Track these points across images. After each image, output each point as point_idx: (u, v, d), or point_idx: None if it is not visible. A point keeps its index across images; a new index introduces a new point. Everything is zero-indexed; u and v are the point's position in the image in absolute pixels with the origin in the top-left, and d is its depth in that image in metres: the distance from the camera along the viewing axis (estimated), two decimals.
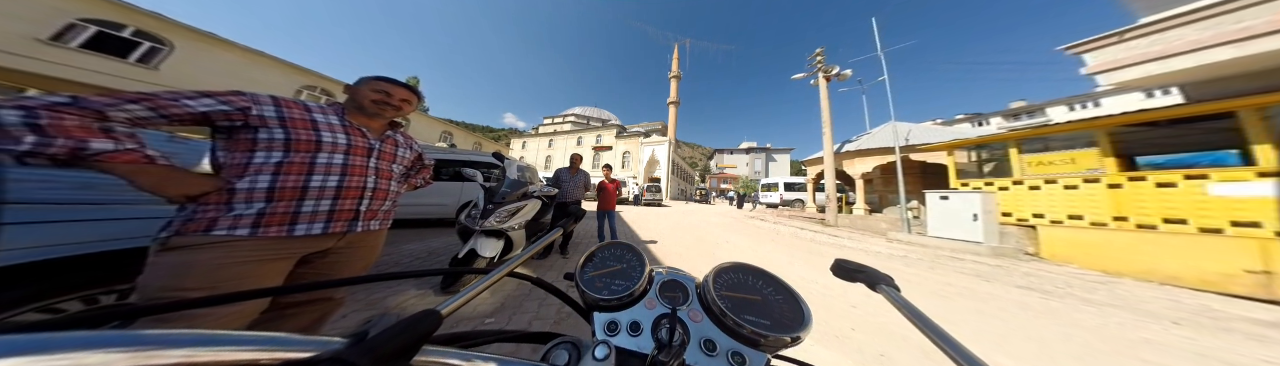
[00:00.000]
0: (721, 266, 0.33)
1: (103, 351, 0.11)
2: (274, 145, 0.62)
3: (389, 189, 0.78)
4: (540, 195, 2.21)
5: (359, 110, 0.76)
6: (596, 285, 0.31)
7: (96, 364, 0.11)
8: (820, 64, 7.25)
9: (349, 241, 0.74)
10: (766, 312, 0.28)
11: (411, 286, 1.74)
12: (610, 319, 0.28)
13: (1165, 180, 2.77)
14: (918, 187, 6.12)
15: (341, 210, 0.69)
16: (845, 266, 0.36)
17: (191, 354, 0.13)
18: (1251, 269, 2.29)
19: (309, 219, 0.65)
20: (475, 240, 1.65)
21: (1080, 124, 3.31)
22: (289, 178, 0.63)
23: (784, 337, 0.26)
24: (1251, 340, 1.52)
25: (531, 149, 29.44)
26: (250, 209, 0.60)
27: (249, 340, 0.14)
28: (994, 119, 25.37)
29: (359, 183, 0.71)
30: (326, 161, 0.66)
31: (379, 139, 0.78)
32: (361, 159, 0.72)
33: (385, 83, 0.77)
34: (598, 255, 0.35)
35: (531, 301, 1.58)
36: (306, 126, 0.66)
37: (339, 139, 0.69)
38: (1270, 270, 2.24)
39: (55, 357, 0.11)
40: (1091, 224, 3.10)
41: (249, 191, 0.60)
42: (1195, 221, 2.57)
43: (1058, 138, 3.61)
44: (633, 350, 0.25)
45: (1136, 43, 2.81)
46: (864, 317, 1.58)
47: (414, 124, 14.12)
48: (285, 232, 0.62)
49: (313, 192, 0.65)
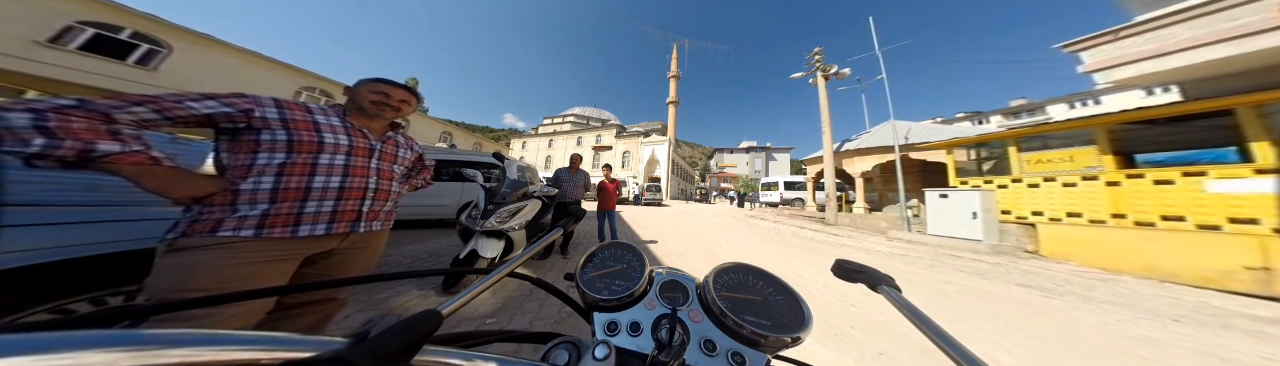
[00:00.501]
0: (722, 266, 0.33)
1: (104, 351, 0.11)
2: (277, 146, 0.63)
3: (391, 189, 0.79)
4: (540, 195, 2.22)
5: (359, 112, 0.77)
6: (597, 285, 0.31)
7: (98, 363, 0.11)
8: (819, 63, 7.26)
9: (352, 242, 0.74)
10: (767, 313, 0.28)
11: (413, 287, 1.74)
12: (610, 319, 0.28)
13: (1163, 177, 2.77)
14: (917, 186, 6.13)
15: (344, 211, 0.69)
16: (846, 267, 0.36)
17: (193, 353, 0.13)
18: (1250, 265, 2.30)
19: (312, 220, 0.65)
20: (476, 241, 1.66)
21: (1078, 122, 3.31)
22: (292, 178, 0.63)
23: (784, 338, 0.26)
24: (1250, 336, 1.53)
25: (531, 149, 29.44)
26: (254, 210, 0.60)
27: (250, 340, 0.14)
28: (994, 117, 25.39)
29: (361, 183, 0.71)
30: (329, 162, 0.67)
31: (380, 140, 0.78)
32: (363, 160, 0.73)
33: (383, 84, 0.78)
34: (598, 255, 0.35)
35: (532, 302, 1.58)
36: (309, 128, 0.66)
37: (341, 140, 0.69)
38: (1269, 266, 2.25)
39: (57, 357, 0.11)
40: (1090, 221, 3.11)
41: (253, 192, 0.61)
42: (1193, 218, 2.57)
43: (1056, 136, 3.62)
44: (633, 350, 0.25)
45: (1132, 41, 2.82)
46: (863, 317, 1.59)
47: (414, 124, 14.13)
48: (289, 233, 0.63)
49: (316, 193, 0.65)
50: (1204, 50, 2.48)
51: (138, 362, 0.12)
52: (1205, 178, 2.59)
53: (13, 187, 0.70)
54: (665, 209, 11.27)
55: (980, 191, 3.75)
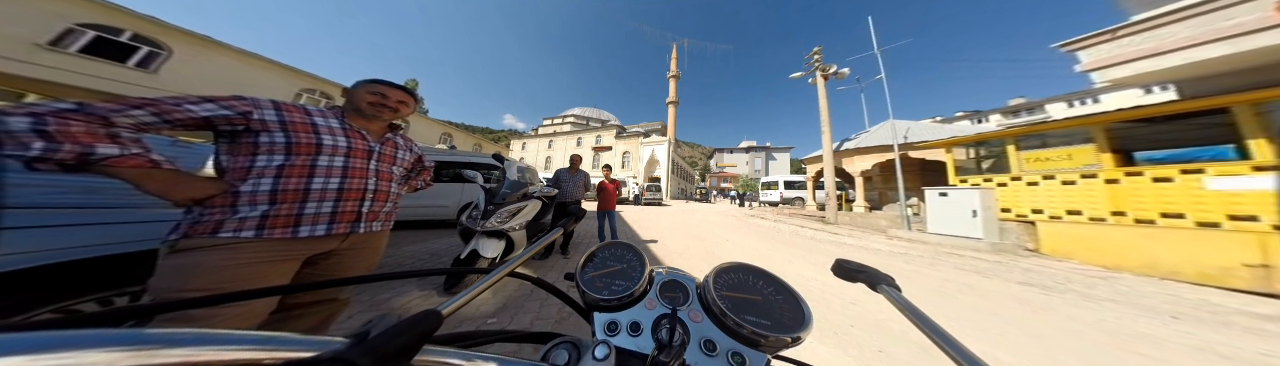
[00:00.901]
0: (722, 266, 0.33)
1: (105, 350, 0.11)
2: (275, 148, 0.63)
3: (390, 190, 0.79)
4: (540, 196, 2.22)
5: (357, 113, 0.77)
6: (597, 285, 0.31)
7: (99, 362, 0.11)
8: (818, 63, 7.27)
9: (352, 242, 0.75)
10: (767, 313, 0.28)
11: (415, 287, 1.75)
12: (610, 319, 0.28)
13: (1162, 175, 2.78)
14: (917, 185, 6.14)
15: (344, 212, 0.70)
16: (846, 266, 0.36)
17: (193, 353, 0.13)
18: (1249, 263, 2.30)
19: (312, 221, 0.66)
20: (477, 241, 1.66)
21: (1076, 120, 3.32)
22: (291, 180, 0.64)
23: (784, 338, 0.26)
24: (1250, 334, 1.53)
25: (531, 150, 29.46)
26: (254, 211, 0.61)
27: (250, 339, 0.14)
28: (993, 116, 25.40)
29: (360, 185, 0.72)
30: (327, 164, 0.68)
31: (379, 141, 0.79)
32: (362, 161, 0.73)
33: (381, 85, 0.78)
34: (598, 255, 0.35)
35: (533, 301, 1.59)
36: (307, 130, 0.66)
37: (339, 141, 0.70)
38: (1268, 264, 2.25)
39: (58, 356, 0.11)
40: (1090, 219, 3.11)
41: (252, 194, 0.61)
42: (1192, 216, 2.58)
43: (1054, 134, 3.63)
44: (633, 350, 0.25)
45: (1129, 40, 2.82)
46: (862, 315, 1.59)
47: (414, 126, 14.14)
48: (290, 234, 0.63)
49: (315, 195, 0.66)
50: (1200, 49, 2.49)
51: (138, 362, 0.12)
52: (1204, 175, 2.59)
53: (13, 190, 0.70)
54: (665, 208, 11.27)
55: (980, 190, 3.75)
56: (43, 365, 0.11)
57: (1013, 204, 3.73)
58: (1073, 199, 3.26)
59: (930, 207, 4.14)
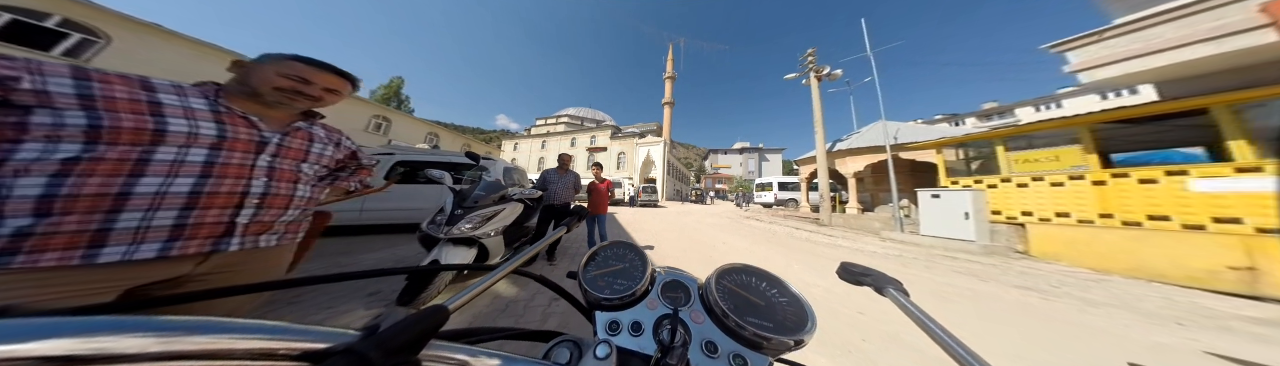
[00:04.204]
0: (724, 267, 0.32)
1: (137, 335, 0.12)
2: (66, 134, 0.44)
3: (294, 194, 0.62)
4: (522, 198, 2.04)
5: (250, 97, 0.59)
6: (599, 284, 0.31)
7: (133, 347, 0.12)
8: (811, 64, 7.30)
9: (220, 265, 0.56)
10: (769, 315, 0.28)
11: (361, 305, 1.52)
12: (612, 318, 0.28)
13: (1147, 176, 2.81)
14: (909, 186, 6.19)
15: (200, 224, 0.52)
16: (851, 270, 0.36)
17: (213, 341, 0.13)
18: (1234, 265, 2.32)
19: (129, 238, 0.47)
20: (440, 249, 1.46)
21: (1061, 121, 3.35)
22: (88, 181, 0.45)
23: (787, 340, 0.25)
24: (1259, 341, 1.50)
25: (524, 150, 28.94)
26: (3, 228, 0.42)
27: (267, 329, 0.14)
28: (969, 119, 26.38)
29: (235, 187, 0.54)
30: (174, 158, 0.49)
31: (280, 131, 0.61)
32: (243, 156, 0.56)
33: (304, 65, 0.59)
34: (600, 254, 0.35)
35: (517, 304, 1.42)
36: (136, 110, 0.48)
37: (201, 128, 0.51)
38: (1253, 266, 2.27)
39: (100, 340, 0.12)
40: (1078, 221, 3.13)
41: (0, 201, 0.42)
42: (1178, 218, 2.60)
43: (1041, 135, 3.66)
44: (634, 350, 0.25)
45: (1117, 41, 2.86)
46: (872, 326, 1.50)
47: (400, 126, 13.57)
48: (78, 259, 0.45)
49: (139, 201, 0.47)
50: (1186, 49, 2.52)
51: (164, 348, 0.12)
52: (1187, 176, 2.62)
53: None
54: (660, 210, 11.16)
55: (972, 191, 3.76)
56: (88, 347, 0.11)
57: (1003, 206, 3.75)
58: (1061, 201, 3.27)
59: (923, 209, 4.14)
